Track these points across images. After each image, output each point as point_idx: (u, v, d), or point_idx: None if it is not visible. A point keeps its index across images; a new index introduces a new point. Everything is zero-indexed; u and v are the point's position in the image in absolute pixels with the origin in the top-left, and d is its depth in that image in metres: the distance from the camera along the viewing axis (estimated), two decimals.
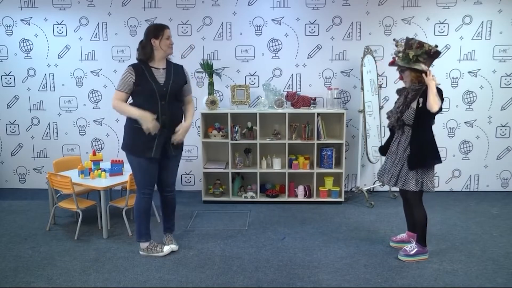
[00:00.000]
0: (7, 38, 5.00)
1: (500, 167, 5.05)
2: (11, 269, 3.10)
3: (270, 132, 4.78)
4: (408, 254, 3.19)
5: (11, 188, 5.30)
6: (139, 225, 3.30)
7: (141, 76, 3.05)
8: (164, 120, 3.09)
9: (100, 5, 4.87)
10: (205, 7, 4.83)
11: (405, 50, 3.05)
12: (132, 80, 3.04)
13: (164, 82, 3.10)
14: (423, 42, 3.03)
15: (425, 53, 3.00)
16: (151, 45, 3.07)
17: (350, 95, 4.94)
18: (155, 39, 3.06)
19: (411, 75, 3.08)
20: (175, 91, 3.15)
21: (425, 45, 3.01)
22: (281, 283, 2.89)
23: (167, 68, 3.16)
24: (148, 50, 3.08)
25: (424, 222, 3.16)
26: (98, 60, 4.99)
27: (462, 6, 4.75)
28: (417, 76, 3.05)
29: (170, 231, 3.50)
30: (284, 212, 4.36)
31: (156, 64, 3.13)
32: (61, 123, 5.15)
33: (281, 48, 4.89)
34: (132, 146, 3.14)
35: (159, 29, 3.09)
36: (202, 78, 4.96)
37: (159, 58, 3.13)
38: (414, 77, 3.07)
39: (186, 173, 5.19)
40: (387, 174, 3.27)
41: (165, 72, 3.14)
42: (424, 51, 3.00)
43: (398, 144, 3.19)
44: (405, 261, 3.17)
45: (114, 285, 2.87)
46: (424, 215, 3.15)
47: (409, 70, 3.07)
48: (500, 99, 4.92)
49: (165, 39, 3.09)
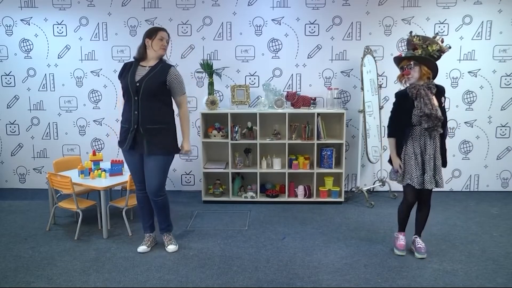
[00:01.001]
0: (7, 38, 5.01)
1: (500, 167, 5.05)
2: (11, 269, 3.10)
3: (270, 132, 4.78)
4: (424, 248, 3.27)
5: (11, 188, 5.30)
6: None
7: (125, 71, 3.21)
8: (136, 116, 3.12)
9: (100, 5, 4.87)
10: (205, 7, 4.83)
11: (426, 43, 3.02)
12: (119, 75, 3.26)
13: (140, 78, 3.11)
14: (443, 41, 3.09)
15: (438, 51, 3.03)
16: (144, 44, 3.18)
17: (350, 95, 4.94)
18: (149, 38, 3.16)
19: (422, 70, 3.02)
20: (149, 88, 3.08)
21: (443, 45, 3.05)
22: (281, 283, 2.89)
23: (152, 66, 3.17)
24: (141, 49, 3.19)
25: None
26: (98, 60, 4.99)
27: (462, 6, 4.75)
28: (428, 72, 3.04)
29: (165, 231, 3.47)
30: (284, 212, 4.36)
31: (146, 62, 3.19)
32: (61, 123, 5.15)
33: (281, 48, 4.89)
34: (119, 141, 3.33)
35: (154, 30, 3.19)
36: (202, 78, 4.96)
37: (150, 58, 3.18)
38: (425, 73, 3.03)
39: (186, 173, 5.19)
40: (431, 178, 3.10)
41: (149, 69, 3.16)
42: (440, 49, 3.03)
43: (435, 145, 3.08)
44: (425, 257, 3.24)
45: (114, 285, 2.87)
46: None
47: (420, 66, 3.02)
48: (500, 99, 4.92)
49: (158, 40, 3.15)
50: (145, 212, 3.43)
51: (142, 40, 3.19)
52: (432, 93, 3.03)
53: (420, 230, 3.35)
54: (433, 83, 3.08)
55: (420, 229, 3.35)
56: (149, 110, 3.12)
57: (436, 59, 3.06)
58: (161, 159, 3.20)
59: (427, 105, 2.97)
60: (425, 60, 3.01)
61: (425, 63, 3.02)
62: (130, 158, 3.28)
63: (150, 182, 3.22)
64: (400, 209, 3.33)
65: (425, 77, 3.05)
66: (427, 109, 2.95)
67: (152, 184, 3.22)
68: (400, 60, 3.13)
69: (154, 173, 3.20)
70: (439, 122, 2.99)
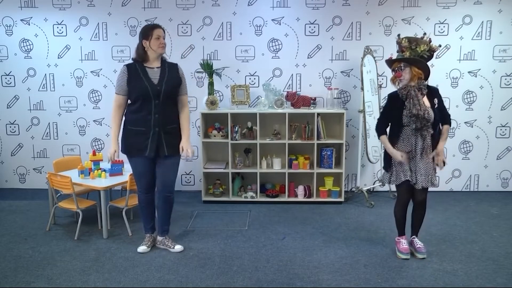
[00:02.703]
0: (7, 38, 5.00)
1: (500, 167, 5.05)
2: (11, 269, 3.10)
3: (270, 132, 4.78)
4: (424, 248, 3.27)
5: (11, 188, 5.30)
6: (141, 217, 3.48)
7: (134, 75, 3.11)
8: (157, 119, 3.12)
9: (100, 5, 4.87)
10: (205, 7, 4.83)
11: (415, 43, 3.05)
12: (126, 79, 3.12)
13: (158, 80, 3.12)
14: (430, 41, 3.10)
15: (428, 51, 3.05)
16: (142, 46, 3.12)
17: (350, 95, 4.94)
18: (146, 40, 3.10)
19: (413, 71, 3.05)
20: (170, 90, 3.15)
21: (432, 44, 3.07)
22: (281, 283, 2.89)
23: (161, 67, 3.18)
24: (141, 52, 3.13)
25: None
26: (98, 60, 4.99)
27: (462, 6, 4.75)
28: (419, 73, 3.05)
29: (167, 233, 3.46)
30: (284, 212, 4.36)
31: (150, 64, 3.17)
32: (61, 123, 5.15)
33: (281, 48, 4.89)
34: (127, 147, 3.22)
35: (148, 30, 3.11)
36: (202, 78, 4.96)
37: (153, 59, 3.17)
38: (416, 74, 3.05)
39: (186, 173, 5.19)
40: (422, 177, 3.11)
41: (159, 70, 3.16)
42: (430, 49, 3.06)
43: (426, 145, 3.09)
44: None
45: (114, 285, 2.87)
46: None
47: (410, 67, 3.05)
48: (500, 99, 4.92)
49: (155, 39, 3.10)
50: (148, 214, 3.42)
51: (139, 42, 3.13)
52: (422, 94, 3.06)
53: (417, 231, 3.35)
54: (425, 83, 3.10)
55: (417, 230, 3.35)
56: (169, 111, 3.20)
57: (427, 59, 3.08)
58: (178, 157, 3.33)
59: (415, 106, 3.01)
60: (414, 61, 3.05)
61: (415, 64, 3.06)
62: (142, 161, 3.22)
63: (168, 178, 3.29)
64: (396, 210, 3.31)
65: (416, 78, 3.06)
66: (415, 110, 3.00)
67: (169, 179, 3.30)
68: (392, 62, 3.17)
69: (172, 170, 3.31)
70: (427, 123, 3.03)
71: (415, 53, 3.05)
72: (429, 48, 3.06)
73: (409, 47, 3.07)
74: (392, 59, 3.19)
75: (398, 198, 3.28)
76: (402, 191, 3.22)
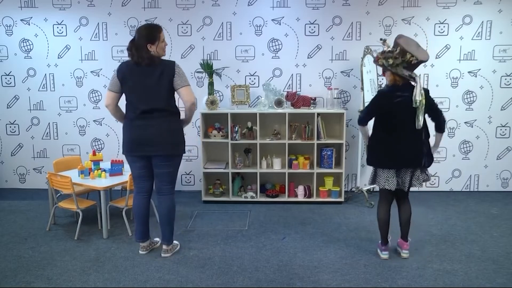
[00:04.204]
0: (7, 38, 5.01)
1: (500, 167, 5.05)
2: (11, 269, 3.10)
3: (270, 132, 4.78)
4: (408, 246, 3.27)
5: (11, 188, 5.30)
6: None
7: (130, 73, 2.98)
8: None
9: (100, 5, 4.87)
10: (205, 7, 4.83)
11: (387, 54, 3.00)
12: (120, 77, 2.99)
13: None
14: (407, 51, 2.94)
15: (405, 62, 2.97)
16: (147, 49, 2.94)
17: (350, 95, 4.94)
18: (151, 44, 2.95)
19: (391, 76, 3.06)
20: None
21: (407, 55, 2.94)
22: (281, 283, 2.89)
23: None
24: (144, 54, 2.93)
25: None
26: (98, 60, 4.99)
27: (462, 6, 4.75)
28: (398, 79, 3.03)
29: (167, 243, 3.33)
30: (284, 212, 4.36)
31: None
32: (61, 123, 5.15)
33: (281, 48, 4.89)
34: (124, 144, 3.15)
35: (154, 33, 2.97)
36: (202, 78, 4.96)
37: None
38: (393, 80, 3.05)
39: (186, 173, 5.19)
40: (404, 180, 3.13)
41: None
42: (405, 61, 2.96)
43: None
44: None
45: (114, 285, 2.87)
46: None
47: (389, 72, 3.06)
48: (500, 99, 4.92)
49: (161, 43, 3.01)
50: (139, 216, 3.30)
51: (141, 44, 2.93)
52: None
53: (406, 233, 3.27)
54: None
55: (406, 231, 3.26)
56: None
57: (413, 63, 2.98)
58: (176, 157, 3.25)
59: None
60: (386, 69, 3.06)
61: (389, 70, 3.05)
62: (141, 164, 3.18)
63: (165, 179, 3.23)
64: (378, 212, 3.25)
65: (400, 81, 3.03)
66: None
67: (165, 181, 3.23)
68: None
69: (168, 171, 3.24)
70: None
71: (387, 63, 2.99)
72: (402, 61, 2.96)
73: (381, 59, 3.05)
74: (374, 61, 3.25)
75: (381, 198, 3.25)
76: (384, 192, 3.20)
